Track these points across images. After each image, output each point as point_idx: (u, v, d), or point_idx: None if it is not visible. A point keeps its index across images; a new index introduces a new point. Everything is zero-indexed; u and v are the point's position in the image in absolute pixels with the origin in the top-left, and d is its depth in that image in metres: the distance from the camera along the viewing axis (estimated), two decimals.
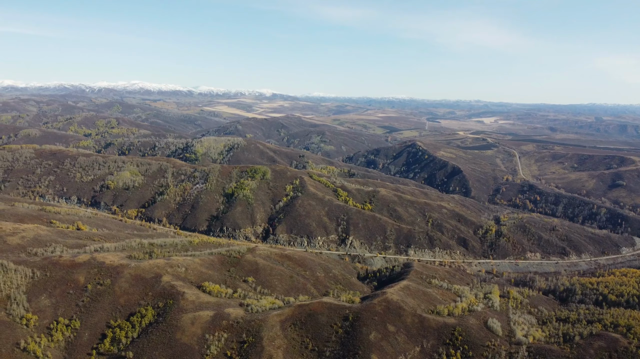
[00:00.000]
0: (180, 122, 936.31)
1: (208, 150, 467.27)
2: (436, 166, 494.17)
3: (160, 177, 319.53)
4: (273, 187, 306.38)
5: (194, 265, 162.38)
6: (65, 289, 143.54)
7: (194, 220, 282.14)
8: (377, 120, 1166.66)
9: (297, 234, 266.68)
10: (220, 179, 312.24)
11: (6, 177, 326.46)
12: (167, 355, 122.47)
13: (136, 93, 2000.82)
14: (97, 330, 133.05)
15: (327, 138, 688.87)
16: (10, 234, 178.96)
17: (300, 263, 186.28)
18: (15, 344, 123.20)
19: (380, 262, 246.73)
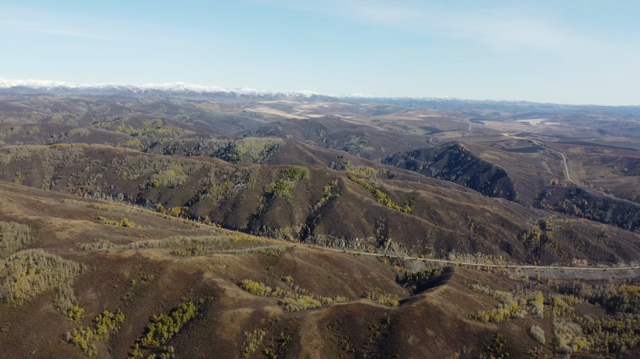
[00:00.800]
0: (223, 123, 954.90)
1: (249, 150, 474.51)
2: (479, 168, 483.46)
3: (204, 176, 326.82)
4: (311, 187, 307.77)
5: (234, 263, 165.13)
6: (111, 283, 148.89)
7: (235, 218, 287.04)
8: (418, 121, 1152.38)
9: (335, 235, 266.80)
10: (261, 179, 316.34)
11: (57, 174, 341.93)
12: (207, 351, 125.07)
13: (181, 95, 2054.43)
14: (140, 324, 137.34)
15: (366, 139, 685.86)
16: (59, 229, 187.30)
17: (338, 263, 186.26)
18: (62, 336, 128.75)
19: (420, 265, 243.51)
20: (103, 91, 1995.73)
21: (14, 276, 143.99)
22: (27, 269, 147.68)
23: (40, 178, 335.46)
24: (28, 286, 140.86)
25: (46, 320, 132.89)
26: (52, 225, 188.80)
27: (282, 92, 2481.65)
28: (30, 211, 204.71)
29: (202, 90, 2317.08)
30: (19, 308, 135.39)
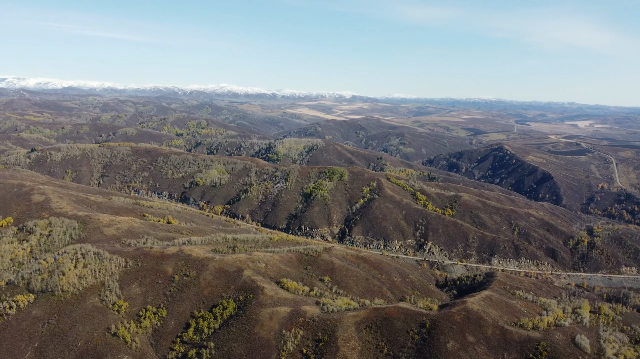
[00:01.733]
0: (264, 124, 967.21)
1: (289, 150, 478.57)
2: (524, 171, 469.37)
3: (245, 176, 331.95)
4: (350, 189, 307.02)
5: (273, 261, 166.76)
6: (155, 279, 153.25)
7: (274, 217, 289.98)
8: (460, 122, 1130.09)
9: (373, 236, 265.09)
10: (300, 179, 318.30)
11: (105, 172, 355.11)
12: (246, 348, 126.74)
13: (224, 96, 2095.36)
14: (181, 319, 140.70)
15: (407, 141, 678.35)
16: (106, 225, 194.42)
17: (376, 266, 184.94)
18: (107, 329, 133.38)
19: (461, 270, 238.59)
20: (150, 92, 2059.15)
21: (62, 269, 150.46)
22: (75, 263, 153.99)
23: (89, 176, 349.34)
24: (75, 280, 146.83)
25: (92, 313, 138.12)
26: (99, 221, 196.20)
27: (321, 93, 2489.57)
28: (79, 208, 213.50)
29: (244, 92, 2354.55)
30: (66, 300, 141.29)
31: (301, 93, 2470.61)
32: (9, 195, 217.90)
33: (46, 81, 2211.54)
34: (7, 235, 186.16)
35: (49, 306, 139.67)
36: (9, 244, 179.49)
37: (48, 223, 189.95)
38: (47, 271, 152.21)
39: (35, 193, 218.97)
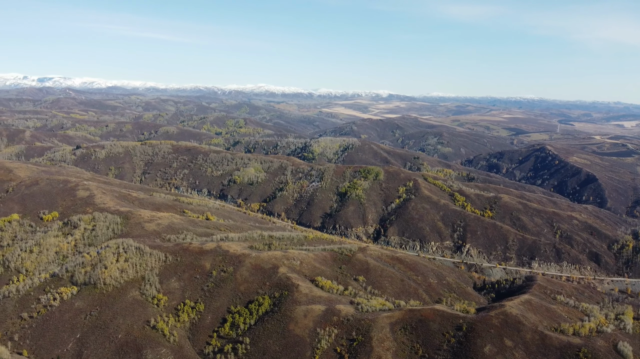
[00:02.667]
0: (300, 123, 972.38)
1: (324, 149, 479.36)
2: (568, 173, 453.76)
3: (281, 174, 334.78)
4: (385, 188, 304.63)
5: (308, 259, 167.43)
6: (193, 274, 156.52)
7: (309, 216, 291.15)
8: (501, 122, 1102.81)
9: (409, 237, 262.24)
10: (335, 178, 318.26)
11: (147, 169, 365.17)
12: (280, 344, 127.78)
13: (262, 96, 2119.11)
14: (218, 314, 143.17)
15: (445, 140, 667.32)
16: (147, 221, 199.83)
17: (412, 267, 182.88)
18: (146, 321, 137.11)
19: (500, 273, 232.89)
20: (190, 92, 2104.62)
21: (104, 263, 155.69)
22: (117, 257, 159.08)
23: (131, 173, 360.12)
24: (117, 274, 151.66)
25: (132, 306, 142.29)
26: (141, 217, 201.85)
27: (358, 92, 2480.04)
28: (121, 204, 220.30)
29: (281, 92, 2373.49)
30: (108, 293, 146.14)
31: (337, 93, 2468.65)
32: (55, 191, 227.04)
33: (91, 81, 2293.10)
34: (53, 228, 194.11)
35: (91, 298, 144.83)
36: (54, 237, 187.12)
37: (92, 218, 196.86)
38: (90, 264, 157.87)
39: (80, 189, 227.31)
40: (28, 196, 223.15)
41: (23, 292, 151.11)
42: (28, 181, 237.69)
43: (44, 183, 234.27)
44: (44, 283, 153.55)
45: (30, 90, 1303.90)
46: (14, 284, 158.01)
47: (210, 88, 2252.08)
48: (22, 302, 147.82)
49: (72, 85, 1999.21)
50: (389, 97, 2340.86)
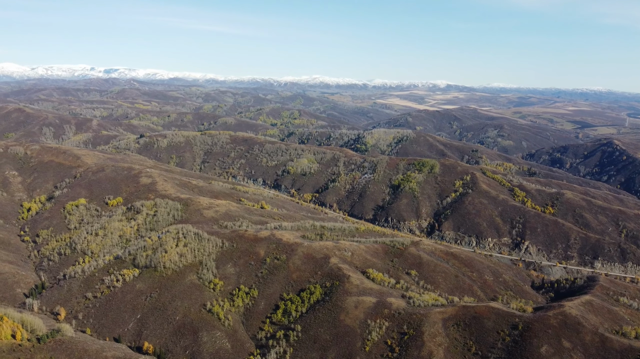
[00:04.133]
0: (353, 114, 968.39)
1: (377, 141, 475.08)
2: (636, 169, 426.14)
3: (333, 166, 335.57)
4: (441, 182, 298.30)
5: (359, 251, 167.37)
6: (248, 260, 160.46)
7: (360, 208, 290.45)
8: (566, 114, 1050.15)
9: (465, 233, 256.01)
10: (387, 170, 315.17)
11: (206, 158, 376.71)
12: (331, 334, 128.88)
13: (316, 87, 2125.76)
14: (271, 301, 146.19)
15: (505, 133, 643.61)
16: (206, 208, 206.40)
17: (467, 263, 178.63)
18: (202, 305, 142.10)
19: (560, 272, 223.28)
20: (247, 84, 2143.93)
21: (165, 247, 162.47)
22: (177, 242, 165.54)
23: (191, 162, 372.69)
24: (176, 258, 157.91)
25: (190, 289, 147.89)
26: (200, 204, 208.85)
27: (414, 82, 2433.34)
28: (181, 191, 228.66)
29: (335, 83, 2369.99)
30: (167, 276, 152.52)
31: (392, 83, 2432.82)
32: (119, 177, 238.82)
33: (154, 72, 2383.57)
34: (117, 213, 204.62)
35: (151, 281, 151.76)
36: (118, 222, 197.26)
37: (154, 204, 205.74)
38: (151, 248, 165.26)
39: (143, 176, 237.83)
40: (94, 182, 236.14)
41: (88, 273, 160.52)
42: (95, 167, 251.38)
43: (109, 169, 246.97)
44: (107, 265, 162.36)
45: (97, 81, 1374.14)
46: (80, 265, 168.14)
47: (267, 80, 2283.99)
48: (86, 282, 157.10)
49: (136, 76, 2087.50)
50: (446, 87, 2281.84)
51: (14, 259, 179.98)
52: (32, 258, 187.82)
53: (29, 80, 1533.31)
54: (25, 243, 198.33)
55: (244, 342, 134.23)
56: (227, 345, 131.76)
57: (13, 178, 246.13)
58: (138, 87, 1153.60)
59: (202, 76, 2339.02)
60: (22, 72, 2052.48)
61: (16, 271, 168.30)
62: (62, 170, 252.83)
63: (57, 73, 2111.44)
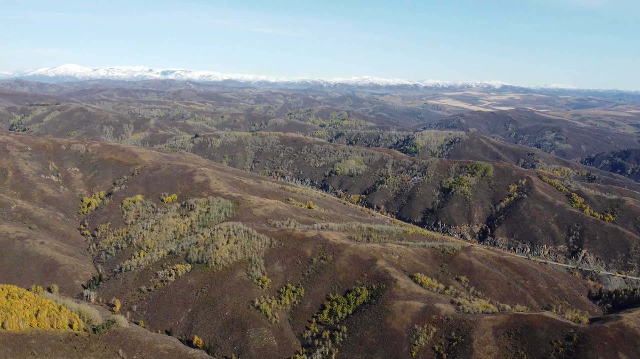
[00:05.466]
0: (403, 115, 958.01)
1: (428, 143, 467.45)
2: None
3: (381, 167, 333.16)
4: (494, 186, 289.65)
5: (407, 254, 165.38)
6: (295, 259, 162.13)
7: (409, 210, 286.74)
8: (629, 117, 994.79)
9: (519, 239, 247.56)
10: (438, 173, 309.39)
11: (256, 158, 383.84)
12: (377, 337, 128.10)
13: (366, 88, 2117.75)
14: (317, 300, 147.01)
15: (563, 136, 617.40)
16: (255, 206, 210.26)
17: (520, 270, 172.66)
18: (251, 302, 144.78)
19: (619, 283, 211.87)
20: (298, 85, 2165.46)
21: (216, 244, 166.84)
22: (227, 239, 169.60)
23: (242, 161, 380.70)
24: (227, 254, 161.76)
25: (239, 286, 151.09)
26: (250, 202, 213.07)
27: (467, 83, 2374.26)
28: (233, 189, 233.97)
29: (385, 83, 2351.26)
30: (217, 272, 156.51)
31: (445, 84, 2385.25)
32: (174, 175, 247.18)
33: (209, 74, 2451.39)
34: (172, 210, 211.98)
35: (202, 276, 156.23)
36: (172, 218, 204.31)
37: (206, 202, 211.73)
38: (203, 244, 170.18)
39: (197, 174, 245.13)
40: (151, 179, 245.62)
41: (143, 267, 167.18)
42: (151, 165, 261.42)
43: (165, 167, 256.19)
44: (161, 260, 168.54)
45: (155, 82, 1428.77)
46: (135, 259, 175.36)
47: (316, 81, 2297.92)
48: (141, 276, 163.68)
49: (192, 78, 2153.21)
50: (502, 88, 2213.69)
51: (73, 251, 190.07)
52: (90, 251, 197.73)
53: (91, 80, 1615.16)
54: (85, 237, 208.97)
55: (290, 340, 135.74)
56: (273, 342, 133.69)
57: (75, 174, 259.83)
58: (193, 89, 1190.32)
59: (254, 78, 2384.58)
60: (85, 73, 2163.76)
61: (75, 263, 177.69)
62: (121, 167, 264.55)
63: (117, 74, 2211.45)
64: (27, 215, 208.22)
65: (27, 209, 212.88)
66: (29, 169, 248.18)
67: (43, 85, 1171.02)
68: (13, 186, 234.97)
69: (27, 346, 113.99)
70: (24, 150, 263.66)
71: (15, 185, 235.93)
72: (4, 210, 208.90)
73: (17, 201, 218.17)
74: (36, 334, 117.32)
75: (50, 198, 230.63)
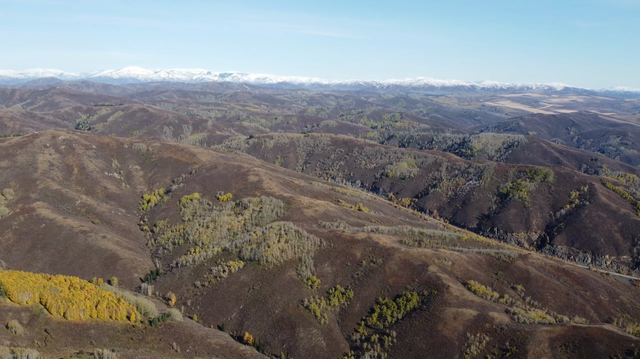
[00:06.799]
0: (459, 117, 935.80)
1: (485, 146, 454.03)
2: None
3: (435, 170, 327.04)
4: (554, 192, 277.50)
5: (460, 261, 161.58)
6: (344, 261, 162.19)
7: (463, 216, 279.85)
8: None
9: (579, 248, 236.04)
10: (495, 177, 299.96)
11: (308, 159, 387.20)
12: (427, 343, 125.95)
13: (420, 89, 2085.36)
14: (366, 304, 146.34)
15: (630, 141, 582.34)
16: (306, 207, 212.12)
17: (580, 281, 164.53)
18: (300, 301, 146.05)
19: None
20: (350, 87, 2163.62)
21: (267, 242, 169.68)
22: (279, 238, 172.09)
23: (294, 162, 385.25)
24: (278, 253, 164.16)
25: (289, 285, 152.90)
26: (300, 203, 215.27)
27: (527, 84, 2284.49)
28: (284, 189, 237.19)
29: (441, 85, 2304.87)
30: (269, 270, 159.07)
31: (503, 85, 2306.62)
32: (230, 174, 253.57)
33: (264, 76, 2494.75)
34: (226, 208, 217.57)
35: (254, 273, 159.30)
36: (227, 216, 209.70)
37: (259, 201, 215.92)
38: (255, 242, 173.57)
39: (250, 174, 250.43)
40: (207, 178, 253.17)
41: (198, 262, 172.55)
42: (208, 165, 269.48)
43: (221, 167, 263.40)
44: (215, 256, 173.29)
45: (213, 84, 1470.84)
46: (191, 255, 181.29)
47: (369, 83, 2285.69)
48: (196, 271, 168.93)
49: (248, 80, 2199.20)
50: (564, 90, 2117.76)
51: (133, 246, 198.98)
52: (149, 246, 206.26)
53: (153, 82, 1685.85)
54: (144, 232, 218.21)
55: (338, 342, 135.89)
56: (322, 343, 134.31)
57: (136, 172, 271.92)
58: (249, 91, 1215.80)
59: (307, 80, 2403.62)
60: (147, 75, 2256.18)
61: (134, 257, 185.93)
62: (180, 166, 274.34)
63: (177, 76, 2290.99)
64: (90, 210, 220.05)
65: (90, 204, 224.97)
66: (93, 166, 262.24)
67: (107, 86, 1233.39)
68: (78, 182, 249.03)
69: (86, 336, 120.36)
70: (89, 148, 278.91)
71: (80, 181, 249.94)
72: (69, 205, 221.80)
73: (82, 197, 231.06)
74: (95, 325, 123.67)
75: (112, 194, 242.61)
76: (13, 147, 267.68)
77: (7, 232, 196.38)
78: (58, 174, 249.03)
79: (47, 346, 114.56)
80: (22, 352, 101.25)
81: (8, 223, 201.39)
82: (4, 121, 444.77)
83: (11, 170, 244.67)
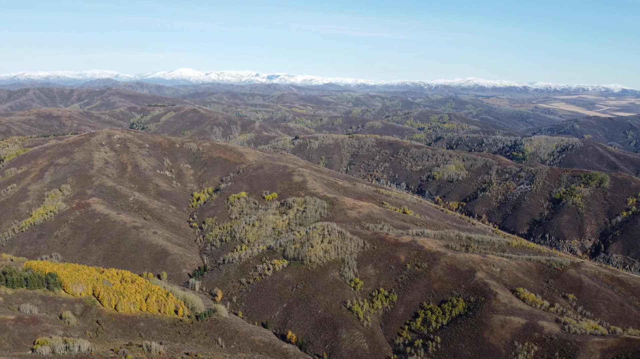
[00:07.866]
0: (510, 119, 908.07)
1: (537, 149, 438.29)
2: None
3: (484, 174, 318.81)
4: (610, 198, 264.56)
5: (509, 268, 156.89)
6: (388, 263, 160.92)
7: (514, 221, 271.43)
8: None
9: (636, 257, 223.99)
10: (548, 182, 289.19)
11: (352, 160, 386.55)
12: (473, 351, 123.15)
13: (470, 90, 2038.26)
14: (410, 308, 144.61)
15: None
16: (350, 208, 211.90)
17: (636, 291, 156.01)
18: (343, 302, 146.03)
19: None
20: (397, 87, 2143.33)
21: (311, 242, 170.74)
22: (322, 238, 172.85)
23: (339, 163, 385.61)
24: (321, 253, 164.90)
25: (332, 285, 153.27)
26: (344, 204, 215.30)
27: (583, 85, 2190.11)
28: (328, 190, 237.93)
29: (491, 85, 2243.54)
30: (312, 270, 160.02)
31: (557, 86, 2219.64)
32: (275, 174, 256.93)
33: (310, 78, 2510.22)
34: (272, 207, 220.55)
35: (298, 272, 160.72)
36: (272, 215, 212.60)
37: (303, 201, 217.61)
38: (299, 242, 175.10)
39: (295, 175, 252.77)
40: (254, 177, 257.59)
41: (244, 260, 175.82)
42: (255, 164, 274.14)
43: (267, 167, 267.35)
44: (261, 254, 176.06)
45: (261, 86, 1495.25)
46: (237, 252, 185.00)
47: (417, 84, 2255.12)
48: (242, 269, 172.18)
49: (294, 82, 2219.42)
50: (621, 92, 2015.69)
51: (182, 242, 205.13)
52: (197, 242, 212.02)
53: (203, 84, 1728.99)
54: (193, 229, 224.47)
55: (381, 345, 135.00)
56: (364, 345, 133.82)
57: (186, 171, 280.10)
58: (295, 92, 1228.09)
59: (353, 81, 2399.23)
60: (198, 77, 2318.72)
61: (183, 253, 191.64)
62: (228, 165, 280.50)
63: (226, 78, 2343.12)
64: (142, 207, 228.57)
65: (142, 201, 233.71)
66: (146, 164, 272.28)
67: (160, 87, 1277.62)
68: (131, 179, 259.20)
69: (136, 328, 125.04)
70: (142, 147, 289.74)
71: (134, 178, 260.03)
72: (123, 201, 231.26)
73: (135, 194, 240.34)
74: (144, 318, 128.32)
75: (163, 192, 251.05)
76: (71, 144, 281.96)
77: (64, 226, 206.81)
78: (113, 171, 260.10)
79: (99, 337, 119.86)
80: (75, 342, 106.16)
81: (65, 217, 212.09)
82: (63, 120, 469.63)
83: (69, 167, 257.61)
